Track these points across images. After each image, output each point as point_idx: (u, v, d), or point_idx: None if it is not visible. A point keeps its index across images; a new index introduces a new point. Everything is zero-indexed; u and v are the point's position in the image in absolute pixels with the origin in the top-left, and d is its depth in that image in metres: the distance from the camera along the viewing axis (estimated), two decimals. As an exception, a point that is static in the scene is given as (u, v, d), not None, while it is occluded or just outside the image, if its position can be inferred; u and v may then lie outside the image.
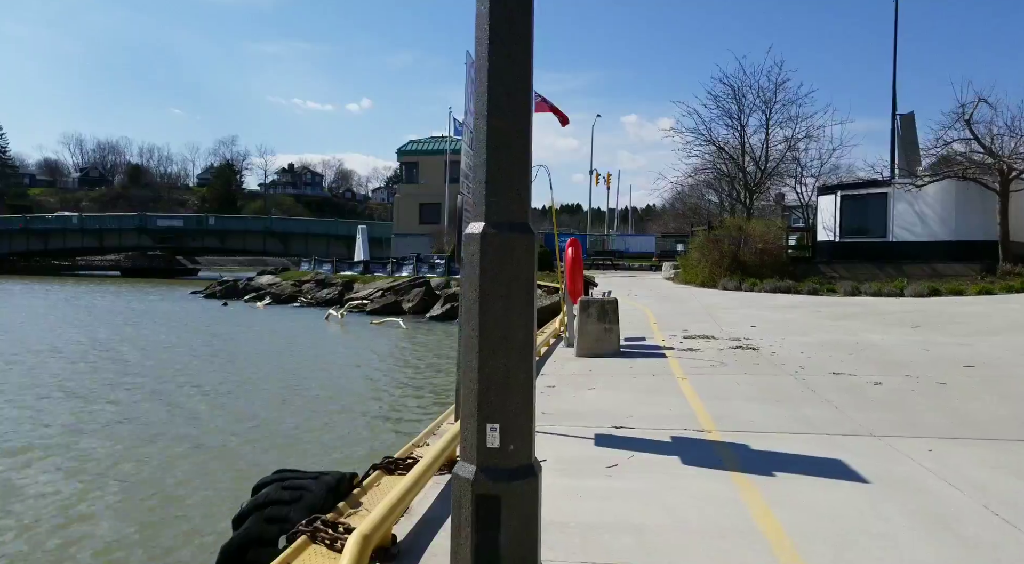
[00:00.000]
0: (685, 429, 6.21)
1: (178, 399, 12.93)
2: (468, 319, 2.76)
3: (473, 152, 2.82)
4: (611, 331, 10.66)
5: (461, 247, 6.66)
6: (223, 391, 13.69)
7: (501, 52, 2.73)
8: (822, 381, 8.42)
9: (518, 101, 2.75)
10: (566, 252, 12.01)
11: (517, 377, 2.72)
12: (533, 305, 2.78)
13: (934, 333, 12.77)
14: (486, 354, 2.69)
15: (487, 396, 2.69)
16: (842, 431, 6.13)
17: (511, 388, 2.71)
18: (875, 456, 5.36)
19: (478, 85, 2.76)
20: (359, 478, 4.63)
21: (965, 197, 21.76)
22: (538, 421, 6.88)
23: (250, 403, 12.78)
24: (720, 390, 7.92)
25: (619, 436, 6.01)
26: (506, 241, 2.71)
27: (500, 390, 2.70)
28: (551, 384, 8.41)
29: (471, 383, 2.73)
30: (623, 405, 7.19)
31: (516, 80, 2.75)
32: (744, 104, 32.53)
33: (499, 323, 2.69)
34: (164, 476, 8.51)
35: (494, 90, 2.73)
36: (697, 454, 5.42)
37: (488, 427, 2.69)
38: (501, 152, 2.73)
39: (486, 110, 2.74)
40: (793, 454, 5.42)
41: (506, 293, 2.69)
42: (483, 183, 2.75)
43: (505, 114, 2.73)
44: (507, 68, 2.71)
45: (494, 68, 2.72)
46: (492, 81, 2.72)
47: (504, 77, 2.72)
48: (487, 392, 2.69)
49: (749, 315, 16.11)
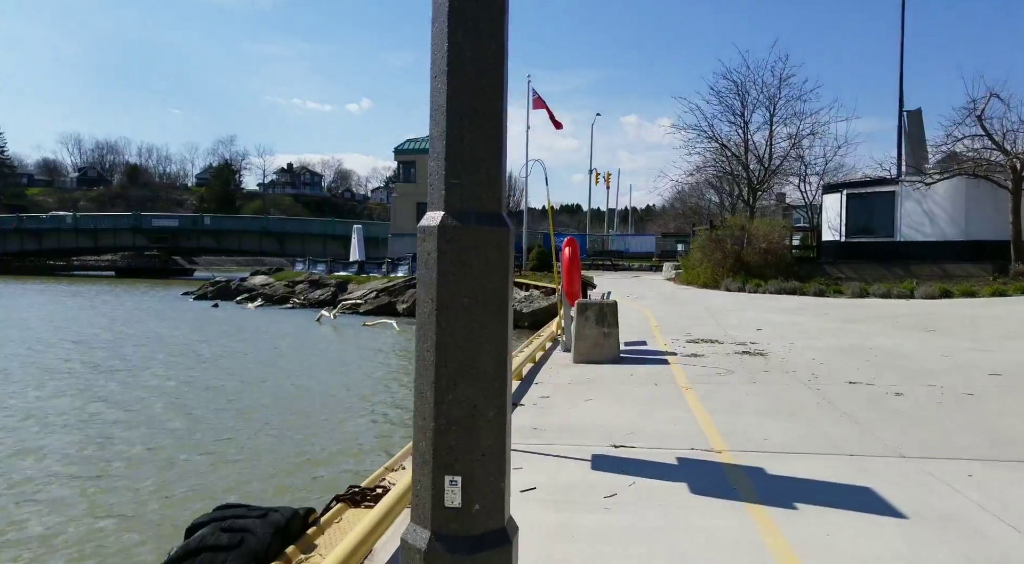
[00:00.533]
0: (692, 448, 5.57)
1: (132, 405, 12.23)
2: (423, 337, 2.12)
3: (430, 121, 2.17)
4: (610, 336, 10.02)
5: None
6: (189, 399, 13.00)
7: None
8: (839, 391, 7.79)
9: (489, 51, 2.11)
10: (563, 252, 11.38)
11: (485, 414, 2.08)
12: (508, 319, 2.14)
13: (950, 337, 12.13)
14: (445, 384, 2.05)
15: (445, 439, 2.05)
16: (868, 451, 5.49)
17: (478, 429, 2.07)
18: (909, 484, 4.72)
19: (434, 30, 2.11)
20: (316, 514, 3.99)
21: (976, 195, 21.10)
22: (530, 438, 6.27)
23: (215, 413, 11.68)
24: (728, 402, 7.29)
25: (619, 457, 5.37)
26: (472, 236, 2.07)
27: (464, 432, 2.05)
28: (545, 394, 7.77)
29: (425, 421, 2.09)
30: (623, 419, 6.56)
31: (486, 23, 2.10)
32: (747, 100, 31.85)
33: (463, 343, 2.05)
34: (88, 507, 7.27)
35: (456, 37, 2.09)
36: (707, 480, 4.78)
37: (447, 480, 2.05)
38: (466, 121, 2.09)
39: (446, 64, 2.09)
40: (816, 481, 4.78)
41: (472, 303, 2.06)
42: (442, 159, 2.11)
43: (471, 69, 2.09)
44: (473, 5, 2.07)
45: (456, 5, 2.07)
46: (453, 23, 2.08)
47: (469, 17, 2.07)
48: (445, 434, 2.05)
49: (754, 317, 15.48)
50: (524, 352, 10.26)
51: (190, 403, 12.38)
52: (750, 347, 11.16)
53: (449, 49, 2.07)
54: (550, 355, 10.92)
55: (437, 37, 2.12)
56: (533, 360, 10.15)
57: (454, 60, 2.06)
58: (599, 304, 10.16)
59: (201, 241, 72.32)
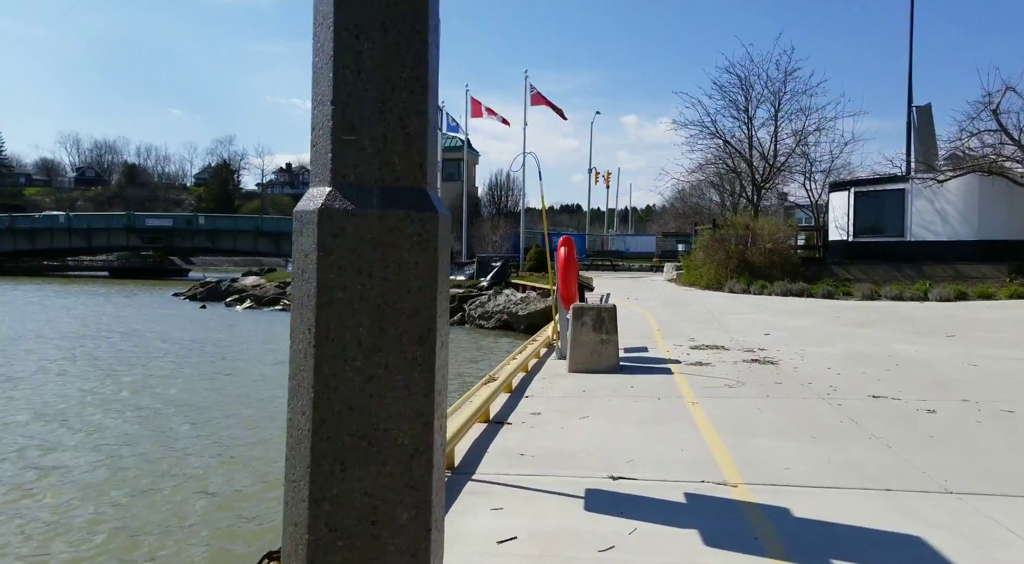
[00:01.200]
0: (703, 481, 4.78)
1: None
2: (297, 392, 1.33)
3: (313, 43, 1.37)
4: (608, 342, 9.23)
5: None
6: (142, 417, 12.17)
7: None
8: (862, 407, 7.00)
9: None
10: (558, 252, 10.59)
11: (393, 519, 1.28)
12: (435, 359, 1.35)
13: (973, 344, 11.34)
14: (328, 469, 1.25)
15: (329, 560, 1.25)
16: (908, 485, 4.70)
17: (382, 546, 1.27)
18: (964, 529, 3.94)
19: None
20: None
21: (990, 193, 20.27)
22: (515, 467, 5.42)
23: (155, 436, 9.99)
24: (740, 420, 6.50)
25: (618, 493, 4.58)
26: (377, 225, 1.28)
27: (358, 550, 1.26)
28: (536, 410, 6.98)
29: (297, 528, 1.29)
30: (623, 442, 5.77)
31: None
32: (751, 94, 30.95)
33: (359, 402, 1.26)
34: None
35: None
36: (722, 525, 3.99)
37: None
38: (367, 37, 1.29)
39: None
40: (853, 527, 3.98)
41: (375, 336, 1.26)
42: (327, 103, 1.31)
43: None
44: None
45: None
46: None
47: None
48: (328, 553, 1.25)
49: (761, 321, 14.69)
50: (517, 359, 9.48)
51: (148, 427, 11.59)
52: (759, 354, 10.38)
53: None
54: (544, 363, 10.14)
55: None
56: (525, 369, 9.37)
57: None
58: (597, 308, 9.38)
59: (196, 241, 71.60)
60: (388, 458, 1.30)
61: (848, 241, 23.36)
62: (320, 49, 1.38)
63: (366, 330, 1.28)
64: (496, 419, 6.63)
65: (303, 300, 1.33)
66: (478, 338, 22.15)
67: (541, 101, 32.70)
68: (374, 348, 1.29)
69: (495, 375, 8.23)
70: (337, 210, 1.29)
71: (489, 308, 24.77)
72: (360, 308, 1.28)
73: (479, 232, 42.64)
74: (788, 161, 31.35)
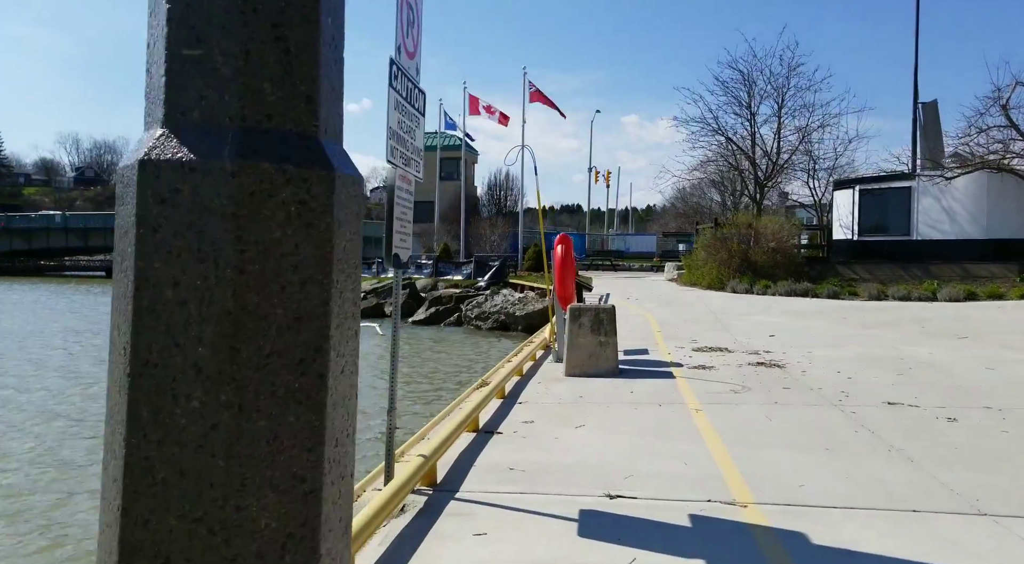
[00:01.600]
0: (709, 500, 4.33)
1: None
2: (109, 444, 0.86)
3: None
4: (607, 345, 8.77)
5: (389, 245, 4.75)
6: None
7: None
8: (878, 415, 6.54)
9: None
10: (554, 251, 10.14)
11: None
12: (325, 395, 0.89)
13: (987, 346, 10.88)
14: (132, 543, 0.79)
15: None
16: (936, 506, 4.24)
17: None
18: (1005, 560, 3.48)
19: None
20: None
21: (999, 190, 19.80)
22: (504, 484, 4.92)
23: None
24: (748, 429, 6.04)
25: (615, 515, 4.13)
26: (228, 183, 0.83)
27: None
28: (529, 418, 6.53)
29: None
30: (622, 454, 5.32)
31: None
32: (754, 90, 30.44)
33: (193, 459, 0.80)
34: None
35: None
36: (732, 556, 3.54)
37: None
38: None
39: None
40: (879, 557, 3.53)
41: (229, 363, 0.81)
42: (163, 6, 0.84)
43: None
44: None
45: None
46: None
47: None
48: None
49: (765, 322, 14.24)
50: (512, 362, 9.05)
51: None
52: (764, 357, 9.92)
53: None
54: (540, 366, 9.69)
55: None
56: (520, 372, 8.92)
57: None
58: (595, 309, 8.92)
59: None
60: (243, 554, 0.84)
61: (853, 240, 22.89)
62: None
63: (209, 350, 0.82)
64: (486, 428, 6.18)
65: (120, 305, 0.88)
66: (475, 339, 21.70)
67: (539, 98, 32.24)
68: (222, 378, 0.83)
69: (487, 379, 7.79)
70: (167, 162, 0.84)
71: (486, 308, 24.30)
72: (201, 316, 0.82)
73: (477, 231, 42.17)
74: (791, 159, 30.86)
